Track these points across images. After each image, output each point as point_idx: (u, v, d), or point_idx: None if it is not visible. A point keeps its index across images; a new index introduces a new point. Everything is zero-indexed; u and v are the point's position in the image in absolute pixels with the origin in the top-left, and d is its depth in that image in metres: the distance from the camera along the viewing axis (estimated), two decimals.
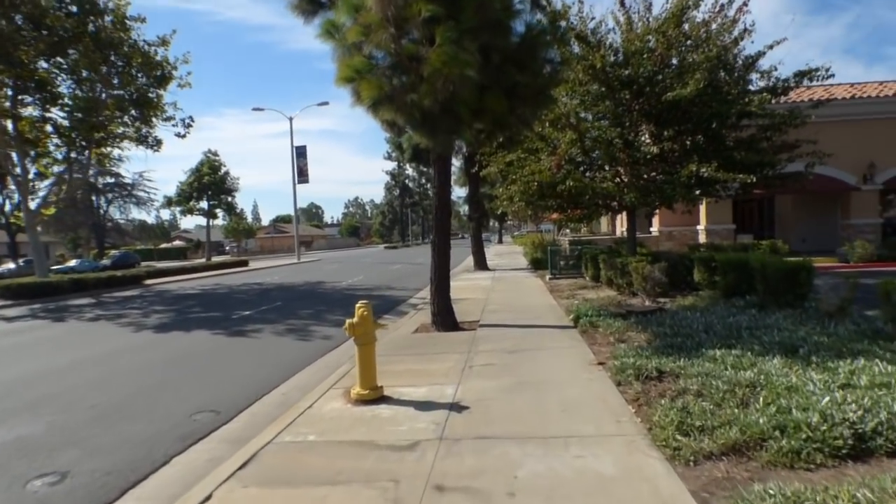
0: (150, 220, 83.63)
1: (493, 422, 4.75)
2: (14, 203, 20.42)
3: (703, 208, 24.12)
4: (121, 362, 8.65)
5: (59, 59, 17.52)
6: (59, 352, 9.88)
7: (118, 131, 21.12)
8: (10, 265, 37.31)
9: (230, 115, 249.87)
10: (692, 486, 3.40)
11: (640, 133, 12.76)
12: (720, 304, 9.27)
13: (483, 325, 9.81)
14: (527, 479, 3.60)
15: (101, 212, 59.29)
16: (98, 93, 18.81)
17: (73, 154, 19.61)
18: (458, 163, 25.78)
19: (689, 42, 11.72)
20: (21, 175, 20.19)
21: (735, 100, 11.54)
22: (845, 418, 3.84)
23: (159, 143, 21.56)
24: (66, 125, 18.75)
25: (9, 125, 18.79)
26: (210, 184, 57.24)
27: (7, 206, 31.88)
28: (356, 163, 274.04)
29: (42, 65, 18.34)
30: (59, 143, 18.92)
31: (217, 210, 60.58)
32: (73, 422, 5.82)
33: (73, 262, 45.12)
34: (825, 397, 4.24)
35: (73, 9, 17.71)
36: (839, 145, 18.80)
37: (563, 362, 6.66)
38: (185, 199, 57.59)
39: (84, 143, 19.32)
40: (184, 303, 16.67)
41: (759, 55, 12.20)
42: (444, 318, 9.66)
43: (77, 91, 18.95)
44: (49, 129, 18.51)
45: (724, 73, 11.80)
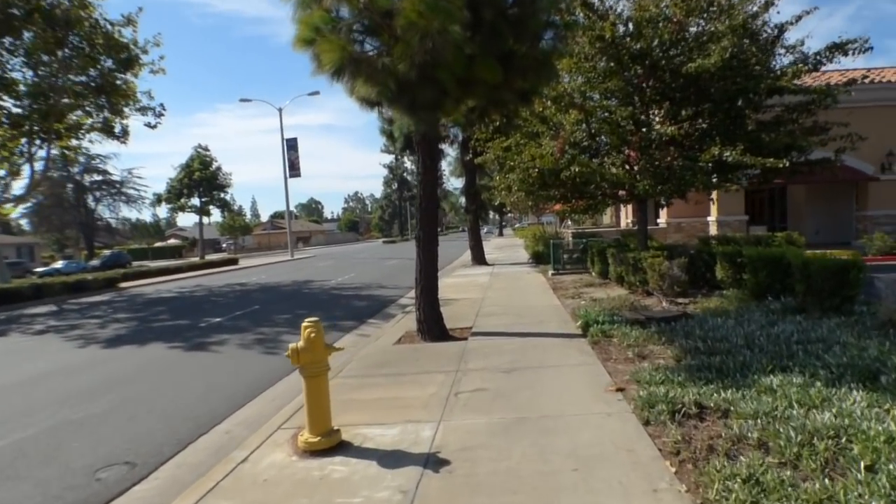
0: (146, 219, 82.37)
1: (481, 489, 3.43)
2: None
3: (714, 198, 22.86)
4: (39, 391, 7.18)
5: (9, 39, 16.00)
6: None
7: (86, 122, 19.67)
8: None
9: (225, 111, 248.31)
10: None
11: (653, 113, 11.38)
12: (752, 307, 7.93)
13: (477, 332, 8.49)
14: None
15: (89, 210, 57.73)
16: (54, 77, 17.31)
17: (33, 148, 18.09)
18: (454, 152, 24.47)
19: (711, 8, 10.31)
20: None
21: (762, 74, 10.16)
22: None
23: (126, 133, 20.15)
24: (21, 114, 17.24)
25: None
26: (201, 180, 55.85)
27: None
28: (356, 157, 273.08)
29: None
30: (14, 133, 17.36)
31: (210, 207, 59.27)
32: None
33: (59, 264, 43.63)
34: None
35: None
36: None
37: (572, 387, 5.34)
38: (175, 195, 56.20)
39: (43, 134, 17.83)
40: (153, 309, 15.35)
41: (786, 24, 10.81)
42: (431, 326, 8.34)
43: (30, 75, 17.45)
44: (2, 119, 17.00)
45: (750, 44, 10.38)
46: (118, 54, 18.00)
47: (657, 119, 10.88)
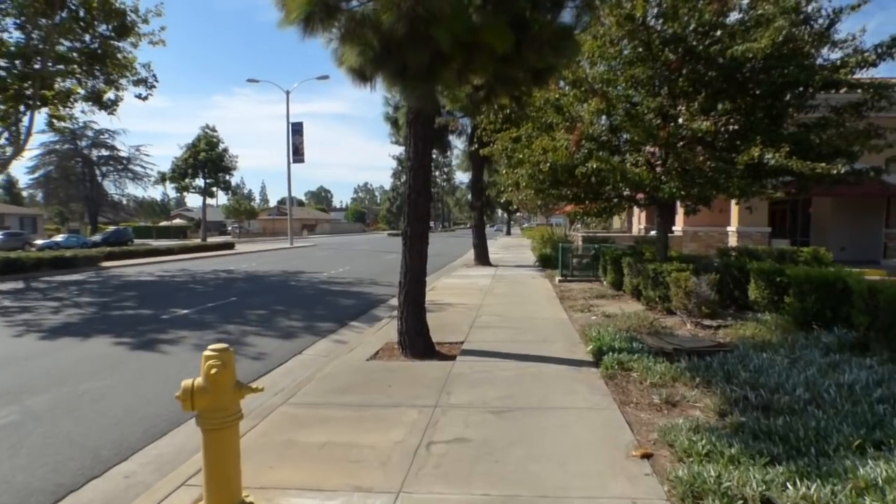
0: (156, 197, 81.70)
1: None
2: None
3: (734, 207, 21.45)
4: None
5: None
6: None
7: (77, 91, 18.43)
8: None
9: (241, 95, 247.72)
10: None
11: (682, 108, 10.00)
12: (799, 339, 6.57)
13: (468, 350, 7.19)
14: None
15: (95, 185, 56.91)
16: (45, 42, 15.99)
17: (17, 113, 16.78)
18: (461, 144, 23.06)
19: None
20: None
21: (816, 65, 8.77)
22: None
23: (115, 103, 18.90)
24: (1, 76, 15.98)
25: None
26: (206, 160, 54.81)
27: None
28: (368, 148, 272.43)
29: None
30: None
31: (214, 188, 58.24)
32: None
33: (59, 238, 43.09)
34: None
35: None
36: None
37: (582, 445, 4.03)
38: (179, 175, 55.19)
39: (28, 100, 16.58)
40: (122, 293, 14.13)
41: (840, 12, 9.37)
42: (414, 339, 7.05)
43: (13, 37, 16.20)
44: None
45: (802, 31, 8.97)
46: (112, 21, 16.72)
47: (687, 114, 9.47)
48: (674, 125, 9.27)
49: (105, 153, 59.28)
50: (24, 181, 75.28)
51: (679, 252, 14.10)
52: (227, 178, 58.59)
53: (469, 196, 22.10)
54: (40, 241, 39.66)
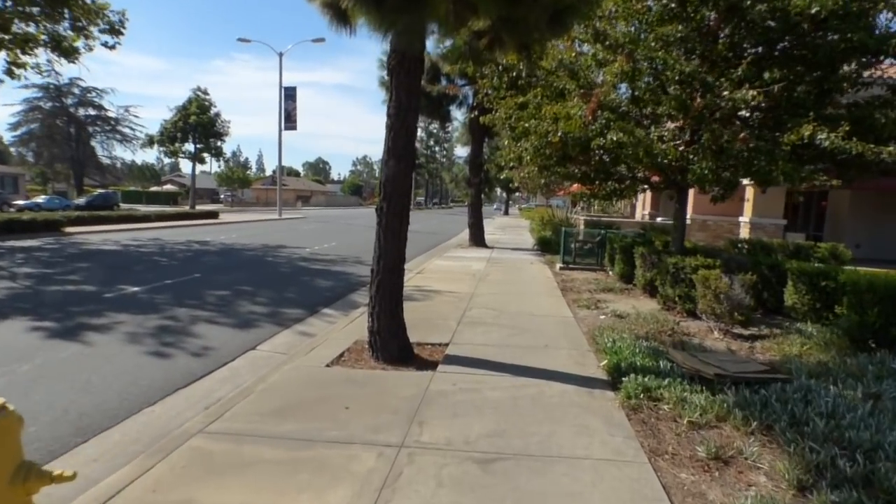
0: (149, 161, 79.63)
1: None
2: None
3: (749, 196, 20.11)
4: None
5: None
6: None
7: (41, 37, 16.70)
8: None
9: (240, 61, 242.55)
10: None
11: (716, 76, 8.56)
12: (864, 362, 5.28)
13: (453, 356, 5.88)
14: None
15: (81, 145, 54.85)
16: None
17: None
18: (461, 115, 21.50)
19: None
20: None
21: (889, 30, 7.35)
22: None
23: (75, 51, 17.18)
24: None
25: None
26: (197, 124, 52.82)
27: None
28: (370, 120, 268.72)
29: None
30: None
31: (204, 154, 56.33)
32: None
33: (41, 199, 41.60)
34: None
35: None
36: None
37: None
38: (168, 139, 53.22)
39: None
40: (72, 265, 12.68)
41: None
42: (388, 340, 5.74)
43: None
44: None
45: None
46: None
47: (726, 83, 8.02)
48: (709, 96, 7.84)
49: (92, 113, 57.02)
50: (7, 138, 73.02)
51: (692, 243, 12.78)
52: (219, 143, 56.70)
53: (467, 171, 20.58)
54: (21, 202, 38.16)
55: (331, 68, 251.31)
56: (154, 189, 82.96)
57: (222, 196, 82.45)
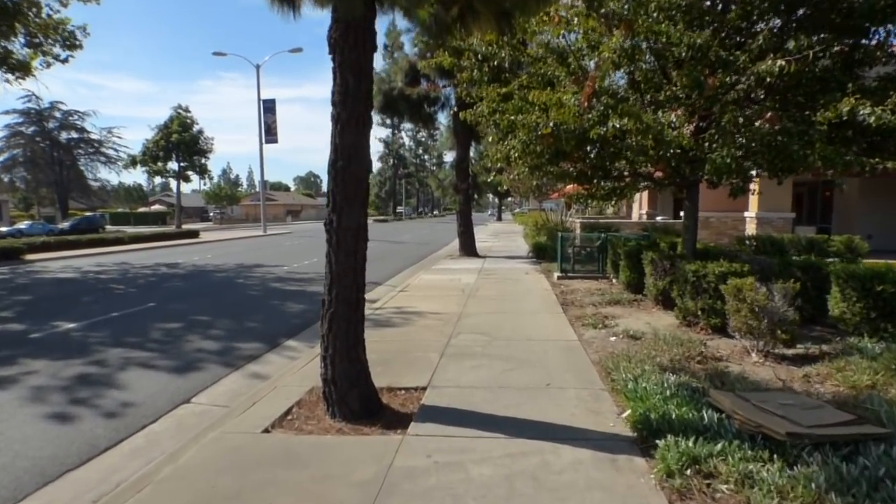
0: (139, 182, 78.47)
1: None
2: None
3: (755, 188, 18.96)
4: None
5: None
6: None
7: None
8: None
9: (227, 80, 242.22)
10: None
11: (732, 52, 7.37)
12: None
13: (430, 407, 4.60)
14: None
15: (64, 168, 53.55)
16: None
17: None
18: (444, 119, 20.31)
19: None
20: None
21: None
22: None
23: (25, 67, 15.90)
24: None
25: None
26: (179, 142, 51.69)
27: None
28: None
29: None
30: None
31: (189, 172, 55.11)
32: None
33: (23, 225, 40.62)
34: None
35: None
36: None
37: None
38: (151, 158, 51.99)
39: None
40: (11, 298, 11.20)
41: None
42: (346, 392, 4.47)
43: None
44: None
45: None
46: None
47: (744, 55, 6.83)
48: (722, 72, 6.64)
49: (75, 136, 55.82)
50: None
51: (703, 244, 11.58)
52: (203, 161, 55.62)
53: (454, 177, 19.38)
54: (4, 228, 37.13)
55: (317, 83, 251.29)
56: (142, 210, 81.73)
57: (211, 214, 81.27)
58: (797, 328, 5.56)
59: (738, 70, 6.42)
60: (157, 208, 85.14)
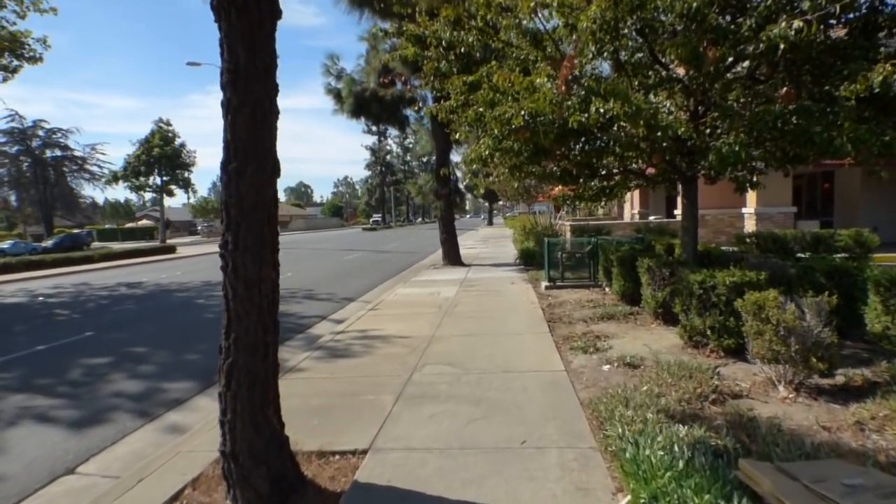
0: (130, 198, 77.39)
1: None
2: None
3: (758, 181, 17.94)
4: None
5: None
6: None
7: None
8: None
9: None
10: None
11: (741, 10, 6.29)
12: None
13: (364, 484, 3.46)
14: None
15: (48, 186, 52.33)
16: None
17: None
18: (426, 122, 19.18)
19: None
20: None
21: None
22: None
23: None
24: None
25: None
26: (161, 156, 50.46)
27: None
28: (346, 141, 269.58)
29: None
30: None
31: (172, 187, 53.88)
32: None
33: (6, 244, 39.31)
34: None
35: None
36: None
37: None
38: (133, 173, 50.74)
39: None
40: None
41: None
42: (250, 470, 3.32)
43: None
44: None
45: None
46: None
47: (745, 25, 5.76)
48: (726, 44, 5.57)
49: (59, 153, 54.68)
50: None
51: (704, 245, 10.52)
52: (186, 174, 54.47)
53: (434, 182, 18.28)
54: None
55: (304, 93, 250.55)
56: (129, 225, 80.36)
57: (199, 227, 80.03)
58: (837, 353, 4.44)
59: (742, 39, 5.34)
60: (144, 223, 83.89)
